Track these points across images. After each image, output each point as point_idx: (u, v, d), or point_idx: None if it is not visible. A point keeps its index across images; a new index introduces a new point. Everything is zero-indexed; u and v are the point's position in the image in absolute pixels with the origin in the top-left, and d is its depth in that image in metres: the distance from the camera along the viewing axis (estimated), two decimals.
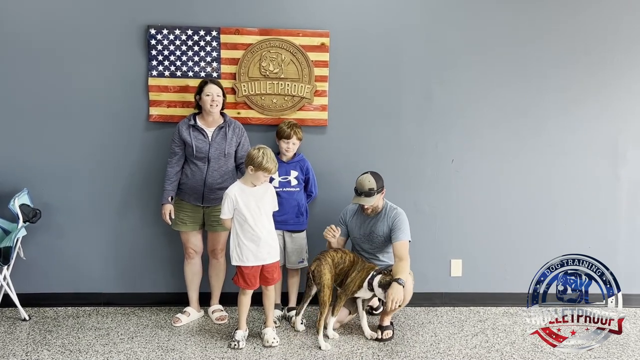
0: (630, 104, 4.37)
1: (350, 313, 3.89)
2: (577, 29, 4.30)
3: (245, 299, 3.69)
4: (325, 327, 3.73)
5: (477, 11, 4.25)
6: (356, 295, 3.70)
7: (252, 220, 3.56)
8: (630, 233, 4.45)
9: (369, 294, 3.68)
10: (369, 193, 3.75)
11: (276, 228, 3.90)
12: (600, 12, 4.30)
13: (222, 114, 3.92)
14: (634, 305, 4.38)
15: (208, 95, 3.79)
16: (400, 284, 3.54)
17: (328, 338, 3.72)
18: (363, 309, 3.82)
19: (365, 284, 3.62)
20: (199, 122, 3.87)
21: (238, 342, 3.60)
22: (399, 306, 3.59)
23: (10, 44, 4.02)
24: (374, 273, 3.63)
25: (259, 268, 3.63)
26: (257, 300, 3.80)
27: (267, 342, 3.63)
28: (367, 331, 3.80)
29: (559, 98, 4.33)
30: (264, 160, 3.51)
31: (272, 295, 3.75)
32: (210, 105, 3.80)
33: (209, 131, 3.86)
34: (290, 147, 4.00)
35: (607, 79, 4.34)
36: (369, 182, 3.75)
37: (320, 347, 3.59)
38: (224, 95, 3.88)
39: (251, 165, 3.53)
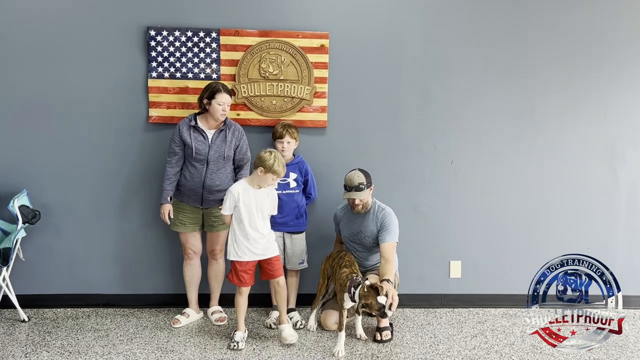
0: (628, 106, 4.38)
1: (347, 316, 3.89)
2: (576, 31, 4.31)
3: (242, 300, 3.69)
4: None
5: (476, 13, 4.26)
6: (344, 304, 3.59)
7: (248, 221, 3.58)
8: (628, 235, 4.45)
9: (351, 303, 3.57)
10: (359, 187, 3.76)
11: (276, 230, 3.94)
12: (598, 14, 4.31)
13: None
14: (633, 307, 4.38)
15: (220, 104, 3.77)
16: (389, 282, 3.56)
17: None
18: (357, 309, 3.80)
19: (346, 296, 3.54)
20: (200, 123, 3.86)
21: (237, 343, 3.60)
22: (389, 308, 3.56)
23: (10, 45, 4.02)
24: (352, 285, 3.51)
25: (254, 265, 3.65)
26: (256, 301, 3.81)
27: (286, 339, 3.62)
28: (359, 330, 3.81)
29: (558, 100, 4.34)
30: (275, 164, 3.52)
31: (282, 290, 3.72)
32: (221, 114, 3.80)
33: (210, 133, 3.85)
34: (286, 147, 3.99)
35: (605, 81, 4.35)
36: (358, 177, 3.77)
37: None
38: None
39: (262, 167, 3.53)
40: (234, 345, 3.60)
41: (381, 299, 3.40)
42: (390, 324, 3.86)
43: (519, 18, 4.28)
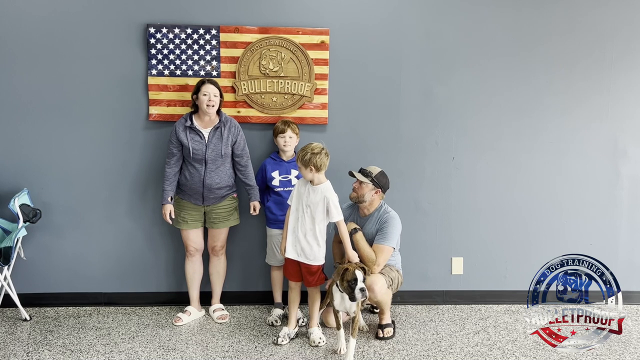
0: (630, 103, 4.34)
1: (347, 314, 3.88)
2: (578, 29, 4.27)
3: (291, 294, 3.74)
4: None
5: (478, 9, 4.23)
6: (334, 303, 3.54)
7: (295, 214, 3.61)
8: (630, 230, 4.43)
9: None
10: (365, 172, 3.80)
11: (277, 227, 3.94)
12: (600, 12, 4.26)
13: (218, 112, 3.89)
14: (635, 302, 4.36)
15: (205, 95, 3.76)
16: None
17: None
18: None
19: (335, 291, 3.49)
20: (196, 123, 3.84)
21: (277, 337, 3.65)
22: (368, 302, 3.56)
23: (10, 43, 4.01)
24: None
25: (296, 263, 3.65)
26: (258, 299, 3.80)
27: (314, 342, 3.63)
28: (361, 322, 3.86)
29: (560, 96, 4.31)
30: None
31: (313, 295, 3.70)
32: (207, 106, 3.77)
33: (205, 132, 3.83)
34: (287, 141, 3.98)
35: (607, 78, 4.31)
36: (372, 168, 3.84)
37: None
38: (221, 96, 3.85)
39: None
40: (274, 339, 3.65)
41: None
42: (392, 321, 3.86)
43: (521, 15, 4.24)
